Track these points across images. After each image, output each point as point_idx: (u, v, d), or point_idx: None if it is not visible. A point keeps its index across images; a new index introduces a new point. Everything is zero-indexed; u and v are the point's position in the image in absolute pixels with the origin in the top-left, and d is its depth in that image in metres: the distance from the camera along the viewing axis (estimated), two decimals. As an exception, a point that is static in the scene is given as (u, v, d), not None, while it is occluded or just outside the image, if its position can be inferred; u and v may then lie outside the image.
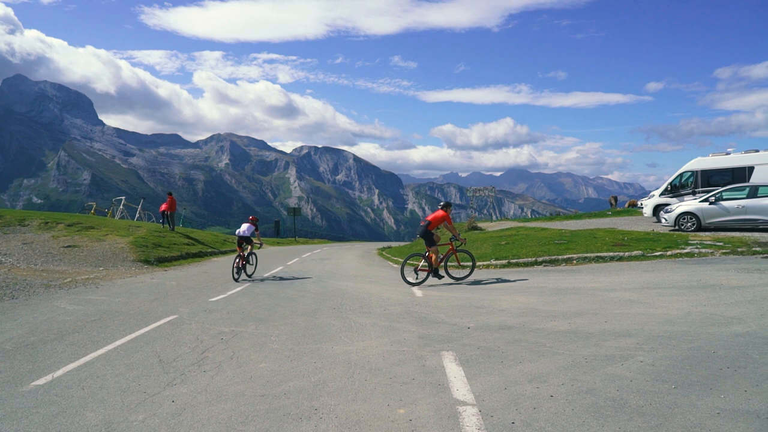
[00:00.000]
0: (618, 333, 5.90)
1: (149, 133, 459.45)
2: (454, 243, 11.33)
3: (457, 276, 11.44)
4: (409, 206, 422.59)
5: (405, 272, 11.51)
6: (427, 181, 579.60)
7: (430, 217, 11.09)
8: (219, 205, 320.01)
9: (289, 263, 18.90)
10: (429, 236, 10.99)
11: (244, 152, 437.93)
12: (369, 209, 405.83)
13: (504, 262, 13.22)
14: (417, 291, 10.16)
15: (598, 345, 5.46)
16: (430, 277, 11.18)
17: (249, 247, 13.80)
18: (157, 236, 21.57)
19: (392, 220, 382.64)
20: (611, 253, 12.49)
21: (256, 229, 14.06)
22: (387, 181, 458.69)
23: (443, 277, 11.26)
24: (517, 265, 12.89)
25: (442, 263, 11.36)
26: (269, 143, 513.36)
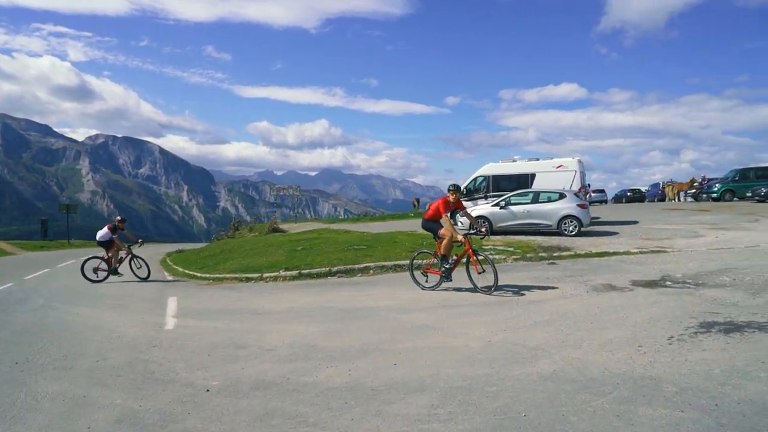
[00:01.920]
0: (408, 385, 4.39)
1: None
2: (470, 239, 8.50)
3: (482, 285, 8.26)
4: (222, 204, 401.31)
5: (415, 273, 9.20)
6: (241, 178, 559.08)
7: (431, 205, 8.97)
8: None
9: (27, 277, 14.62)
10: (432, 228, 8.73)
11: (22, 137, 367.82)
12: (177, 206, 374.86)
13: (295, 273, 11.39)
14: (170, 320, 7.72)
15: (378, 414, 3.84)
16: (444, 282, 8.72)
17: (118, 250, 13.21)
18: None
19: (203, 219, 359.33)
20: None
21: (114, 232, 13.11)
22: (197, 176, 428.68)
23: (451, 280, 8.62)
24: (310, 276, 11.18)
25: (459, 264, 8.74)
26: (56, 129, 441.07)
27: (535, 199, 16.59)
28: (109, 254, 13.08)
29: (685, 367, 4.49)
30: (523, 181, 20.69)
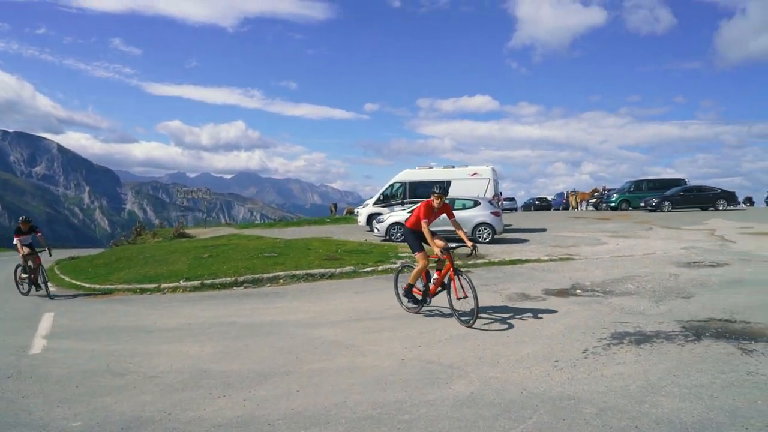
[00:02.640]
0: (311, 417, 3.85)
1: None
2: (452, 255, 6.71)
3: (461, 311, 6.59)
4: (128, 207, 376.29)
5: (400, 288, 7.34)
6: (150, 179, 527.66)
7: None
8: None
9: None
10: (411, 238, 7.09)
11: None
12: (77, 209, 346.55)
13: (197, 283, 10.43)
14: (38, 342, 6.62)
15: (273, 457, 3.28)
16: (423, 305, 7.07)
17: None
18: None
19: (106, 222, 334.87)
20: (323, 270, 10.95)
21: (17, 234, 11.08)
22: (101, 177, 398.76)
23: (424, 303, 7.00)
24: (213, 286, 10.28)
25: (439, 288, 6.86)
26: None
27: (451, 206, 16.63)
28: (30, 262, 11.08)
29: (602, 383, 4.32)
30: (440, 188, 20.79)
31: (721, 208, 27.28)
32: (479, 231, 15.91)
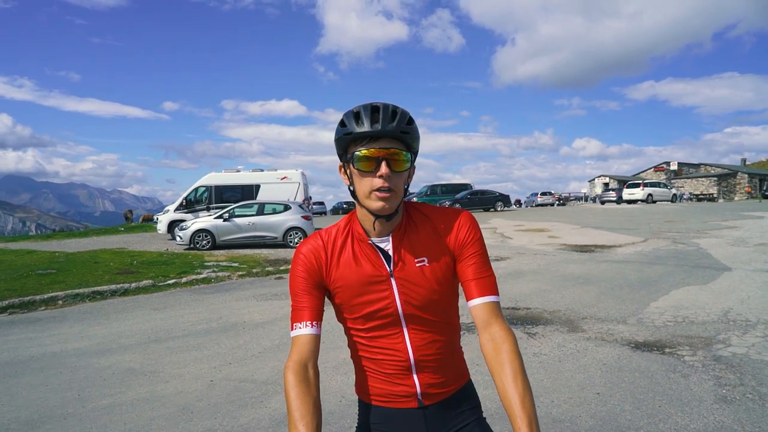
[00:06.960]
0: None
1: None
2: None
3: None
4: None
5: None
6: None
7: None
8: None
9: None
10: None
11: None
12: None
13: (-64, 314, 8.26)
14: None
15: None
16: None
17: None
18: None
19: None
20: (114, 286, 9.61)
21: None
22: None
23: None
24: (-38, 317, 8.26)
25: None
26: None
27: (260, 211, 16.19)
28: None
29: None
30: (248, 192, 20.17)
31: (499, 208, 31.45)
32: (290, 235, 15.78)
